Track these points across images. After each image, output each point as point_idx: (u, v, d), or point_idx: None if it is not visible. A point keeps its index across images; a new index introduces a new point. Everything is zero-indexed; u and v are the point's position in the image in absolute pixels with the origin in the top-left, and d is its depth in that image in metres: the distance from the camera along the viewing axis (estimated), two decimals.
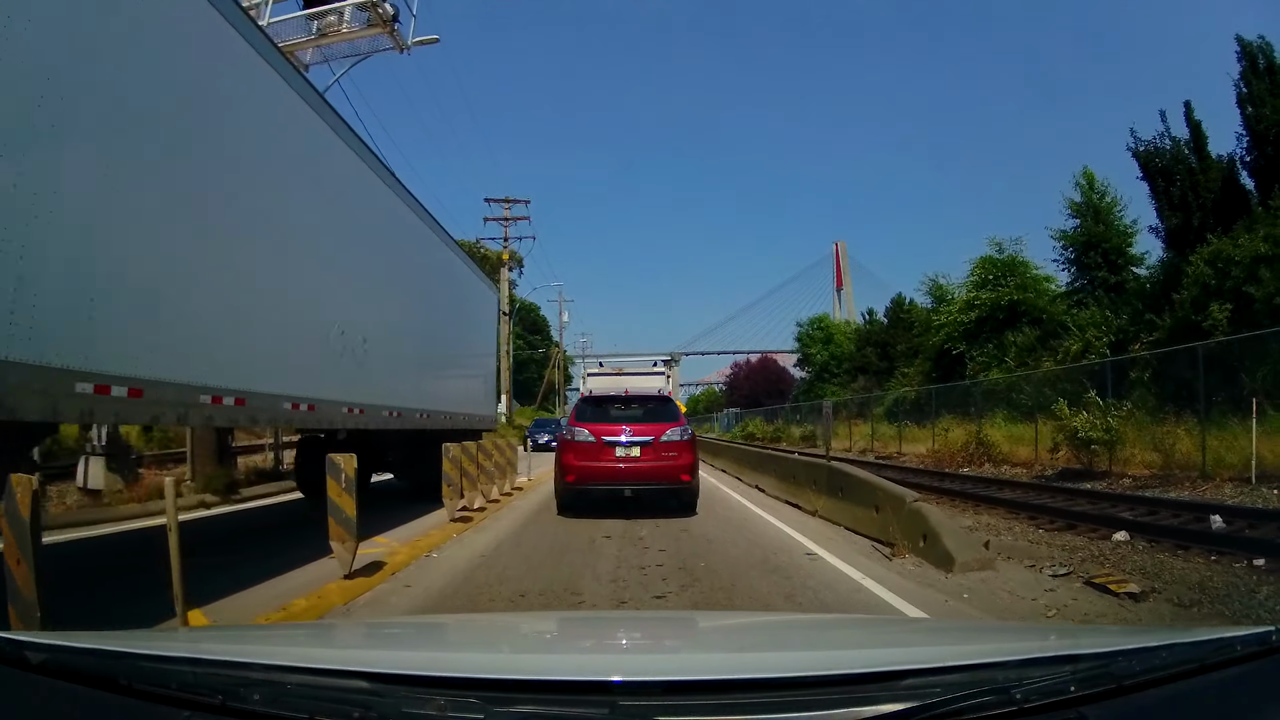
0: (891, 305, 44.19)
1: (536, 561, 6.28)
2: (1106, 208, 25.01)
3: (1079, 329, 21.60)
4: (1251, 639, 1.35)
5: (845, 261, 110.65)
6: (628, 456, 9.11)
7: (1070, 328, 22.18)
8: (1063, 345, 22.31)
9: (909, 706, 1.16)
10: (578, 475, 9.13)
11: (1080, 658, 1.33)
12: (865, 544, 7.04)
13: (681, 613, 4.37)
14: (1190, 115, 20.60)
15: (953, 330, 28.39)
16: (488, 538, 7.64)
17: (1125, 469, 12.97)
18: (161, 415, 4.72)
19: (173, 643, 1.78)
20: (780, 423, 38.63)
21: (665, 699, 1.21)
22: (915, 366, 32.82)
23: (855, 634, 2.30)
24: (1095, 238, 24.43)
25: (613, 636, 2.23)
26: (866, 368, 42.48)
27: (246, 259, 5.68)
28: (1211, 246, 17.45)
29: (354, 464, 5.59)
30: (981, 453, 17.49)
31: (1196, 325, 16.63)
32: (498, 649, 1.97)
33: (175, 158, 4.74)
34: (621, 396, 10.30)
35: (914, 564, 6.02)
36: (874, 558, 6.41)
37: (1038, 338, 24.21)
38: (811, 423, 33.88)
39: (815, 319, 57.46)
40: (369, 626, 3.24)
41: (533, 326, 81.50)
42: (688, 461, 9.22)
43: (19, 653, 1.33)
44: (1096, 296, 23.17)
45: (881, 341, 42.50)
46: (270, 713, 1.18)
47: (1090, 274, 24.43)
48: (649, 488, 9.17)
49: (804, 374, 55.55)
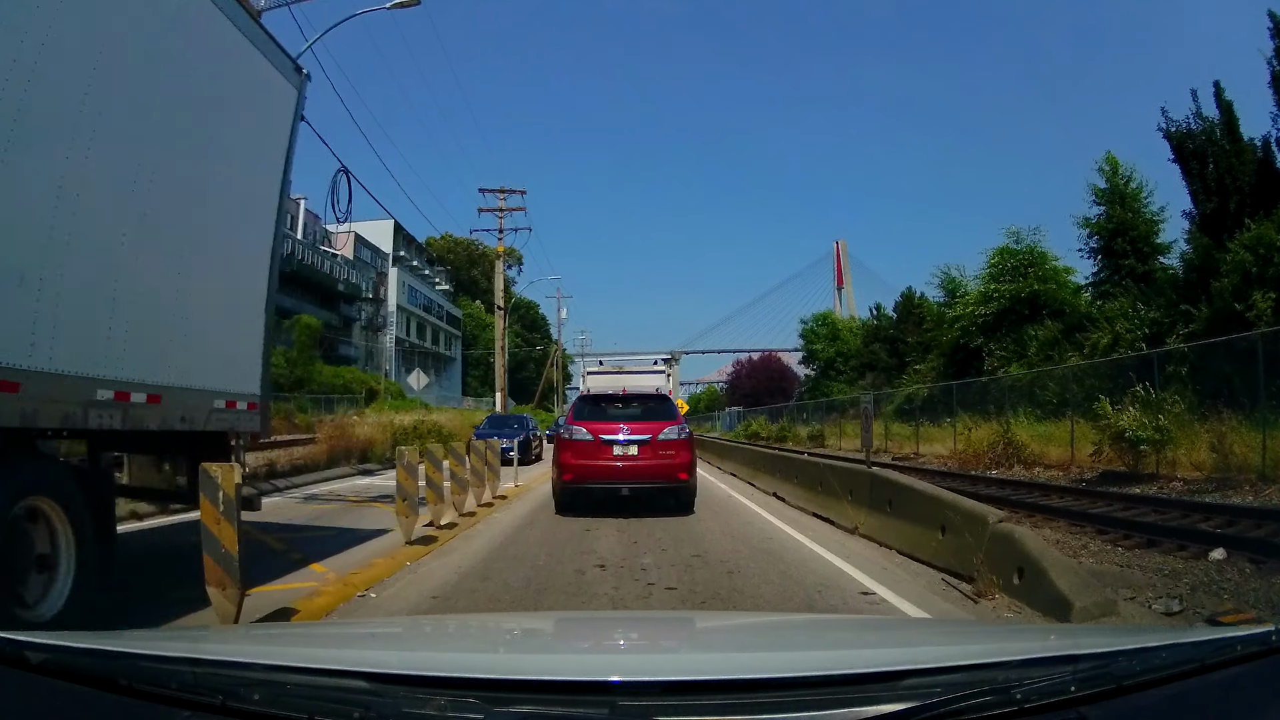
0: (901, 299, 42.73)
1: (506, 604, 5.05)
2: (1132, 194, 23.72)
3: (1107, 321, 20.36)
4: (1251, 639, 1.34)
5: (846, 260, 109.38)
6: (625, 455, 9.13)
7: (1098, 320, 20.94)
8: (1089, 339, 21.12)
9: (909, 706, 1.16)
10: (575, 474, 9.14)
11: (1080, 658, 1.32)
12: (932, 577, 5.72)
13: (681, 613, 4.39)
14: (1220, 96, 19.45)
15: (969, 324, 27.08)
16: (448, 569, 6.20)
17: (1173, 470, 11.76)
18: None
19: (173, 643, 1.74)
20: (785, 421, 37.33)
21: (665, 699, 1.21)
22: (928, 363, 31.61)
23: (855, 634, 2.27)
24: (1123, 224, 23.14)
25: (612, 636, 2.22)
26: (874, 364, 41.27)
27: None
28: (1252, 231, 16.31)
29: (235, 477, 4.08)
30: (1010, 453, 16.24)
31: (1238, 315, 15.53)
32: (497, 649, 1.97)
33: None
34: (619, 395, 10.19)
35: (1010, 607, 4.67)
36: (952, 597, 5.09)
37: (1061, 331, 22.94)
38: (819, 421, 32.61)
39: (820, 315, 56.26)
40: (369, 626, 3.25)
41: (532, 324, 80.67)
42: (685, 460, 9.23)
43: (19, 653, 1.33)
44: (1124, 287, 21.88)
45: (891, 337, 41.23)
46: (270, 713, 1.19)
47: (1117, 263, 23.12)
48: (646, 486, 9.15)
49: (809, 371, 54.20)
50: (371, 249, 56.96)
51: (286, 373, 37.09)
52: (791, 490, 10.97)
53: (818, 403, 37.44)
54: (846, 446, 26.66)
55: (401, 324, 58.72)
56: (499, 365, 34.55)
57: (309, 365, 38.38)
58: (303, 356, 38.84)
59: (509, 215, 32.04)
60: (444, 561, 6.54)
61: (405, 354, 60.19)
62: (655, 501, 9.29)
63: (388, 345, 55.80)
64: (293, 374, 37.43)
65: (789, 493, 11.07)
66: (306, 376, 38.18)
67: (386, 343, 55.74)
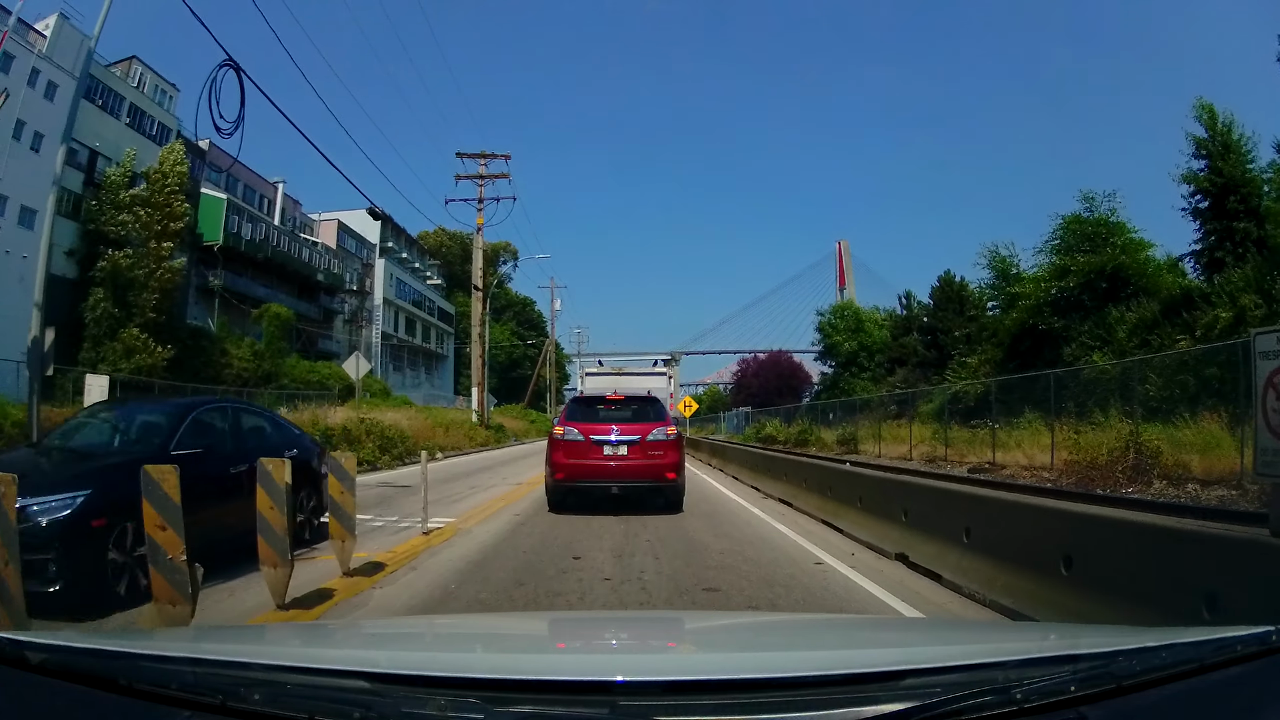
0: (939, 284, 38.26)
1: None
2: (1236, 146, 19.64)
3: (1229, 296, 16.25)
4: (1251, 639, 1.35)
5: (848, 260, 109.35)
6: (615, 455, 9.51)
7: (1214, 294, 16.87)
8: (1202, 318, 16.99)
9: (909, 706, 1.17)
10: (567, 473, 9.52)
11: (1080, 658, 1.34)
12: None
13: (682, 613, 4.41)
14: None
15: (1040, 301, 22.74)
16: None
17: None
18: None
19: (173, 643, 1.79)
20: (805, 423, 33.06)
21: (665, 699, 1.22)
22: (980, 354, 27.29)
23: (855, 634, 2.28)
24: (1234, 180, 19.03)
25: (613, 636, 2.23)
26: (906, 359, 37.12)
27: None
28: None
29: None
30: (1142, 465, 12.17)
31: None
32: (498, 649, 1.98)
33: None
34: (611, 397, 10.67)
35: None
36: None
37: (1160, 311, 18.84)
38: (850, 423, 28.48)
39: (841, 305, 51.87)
40: (369, 626, 3.29)
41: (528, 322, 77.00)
42: (673, 460, 9.64)
43: (19, 653, 1.34)
44: (1239, 253, 17.80)
45: (929, 327, 36.71)
46: (270, 712, 1.20)
47: (1229, 226, 19.03)
48: (636, 485, 9.58)
49: (826, 368, 50.07)
50: (357, 238, 53.44)
51: (253, 366, 33.44)
52: (870, 527, 7.24)
53: (845, 402, 33.04)
54: (888, 453, 22.61)
55: (389, 319, 55.18)
56: (475, 354, 30.32)
57: (279, 359, 34.65)
58: (272, 349, 35.29)
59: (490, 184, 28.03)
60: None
61: (393, 350, 56.22)
62: (645, 501, 9.66)
63: (373, 340, 51.79)
64: (260, 368, 33.78)
65: (864, 528, 7.24)
66: (277, 371, 34.51)
67: (372, 338, 51.74)
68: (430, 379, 62.99)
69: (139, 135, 31.95)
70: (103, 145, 29.45)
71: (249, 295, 38.74)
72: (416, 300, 61.15)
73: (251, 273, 39.99)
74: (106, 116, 30.70)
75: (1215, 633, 1.43)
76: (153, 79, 34.84)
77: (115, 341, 27.26)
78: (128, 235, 28.30)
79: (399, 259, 60.76)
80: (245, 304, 38.02)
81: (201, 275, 36.84)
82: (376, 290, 54.20)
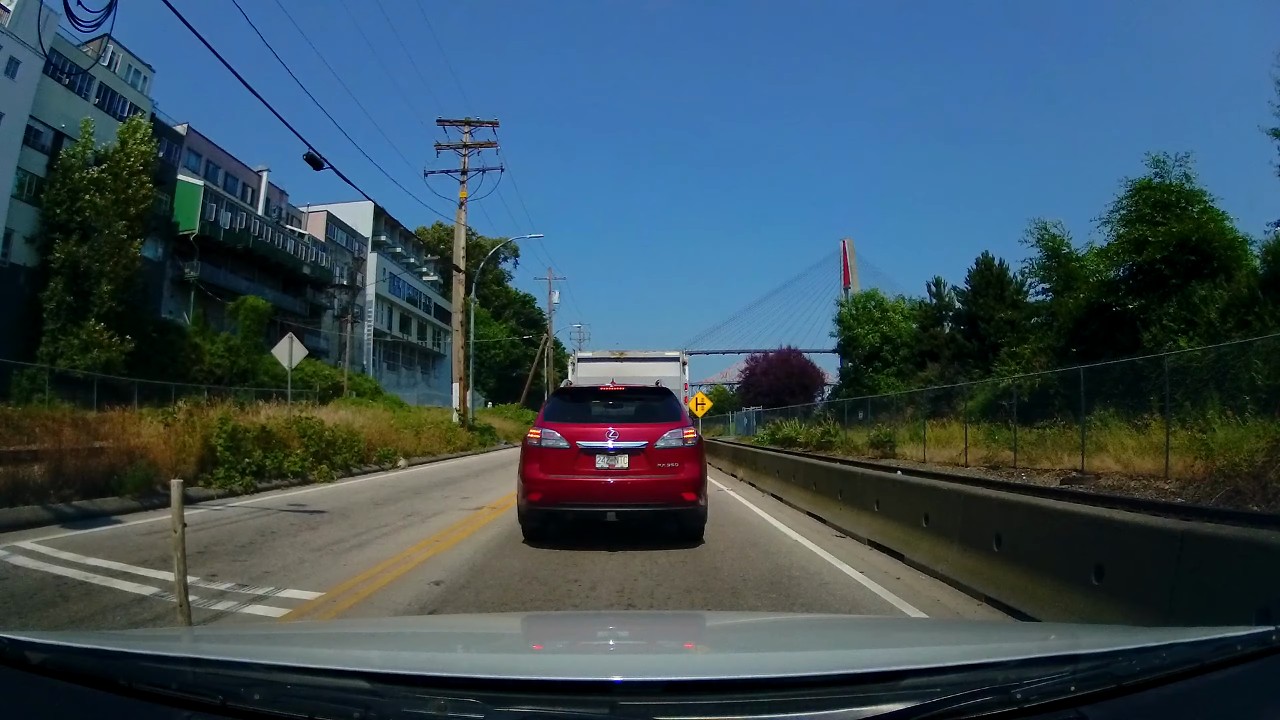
0: (977, 267, 35.26)
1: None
2: None
3: None
4: (1251, 639, 1.35)
5: (853, 259, 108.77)
6: (612, 468, 7.11)
7: None
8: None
9: (909, 706, 1.17)
10: (545, 493, 7.17)
11: (1080, 658, 1.34)
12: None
13: (682, 613, 4.36)
14: None
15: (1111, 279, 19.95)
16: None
17: None
18: None
19: (173, 643, 1.81)
20: (831, 424, 30.20)
21: (665, 699, 1.23)
22: (1034, 342, 24.49)
23: (855, 634, 2.27)
24: None
25: (613, 636, 2.23)
26: (939, 351, 34.32)
27: None
28: None
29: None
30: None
31: None
32: (498, 649, 1.98)
33: None
34: (608, 388, 8.11)
35: None
36: None
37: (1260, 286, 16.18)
38: (883, 422, 25.76)
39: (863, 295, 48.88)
40: (369, 626, 3.27)
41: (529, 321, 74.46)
42: (692, 474, 7.20)
43: (19, 653, 1.36)
44: None
45: (967, 315, 33.71)
46: (270, 713, 1.21)
47: None
48: (640, 509, 7.21)
49: (847, 363, 47.21)
50: (348, 231, 51.36)
51: (227, 363, 30.94)
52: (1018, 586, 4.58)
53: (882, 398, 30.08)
54: (934, 458, 19.86)
55: (382, 315, 52.98)
56: (456, 345, 27.79)
57: (256, 355, 32.20)
58: (248, 345, 32.78)
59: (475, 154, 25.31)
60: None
61: (387, 348, 53.73)
62: (654, 529, 7.52)
63: (365, 338, 49.29)
64: (234, 364, 31.36)
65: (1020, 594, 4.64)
66: (253, 368, 32.04)
67: (364, 335, 49.24)
68: (427, 378, 60.79)
69: (109, 117, 29.83)
70: (69, 127, 27.29)
71: (228, 288, 36.81)
72: (412, 297, 59.01)
73: (231, 264, 37.97)
74: (74, 96, 28.62)
75: (1215, 633, 1.42)
76: (125, 58, 32.56)
77: (70, 336, 24.87)
78: (85, 220, 25.92)
79: (393, 254, 58.53)
80: (224, 297, 35.76)
81: (177, 266, 34.88)
82: (369, 285, 51.89)
